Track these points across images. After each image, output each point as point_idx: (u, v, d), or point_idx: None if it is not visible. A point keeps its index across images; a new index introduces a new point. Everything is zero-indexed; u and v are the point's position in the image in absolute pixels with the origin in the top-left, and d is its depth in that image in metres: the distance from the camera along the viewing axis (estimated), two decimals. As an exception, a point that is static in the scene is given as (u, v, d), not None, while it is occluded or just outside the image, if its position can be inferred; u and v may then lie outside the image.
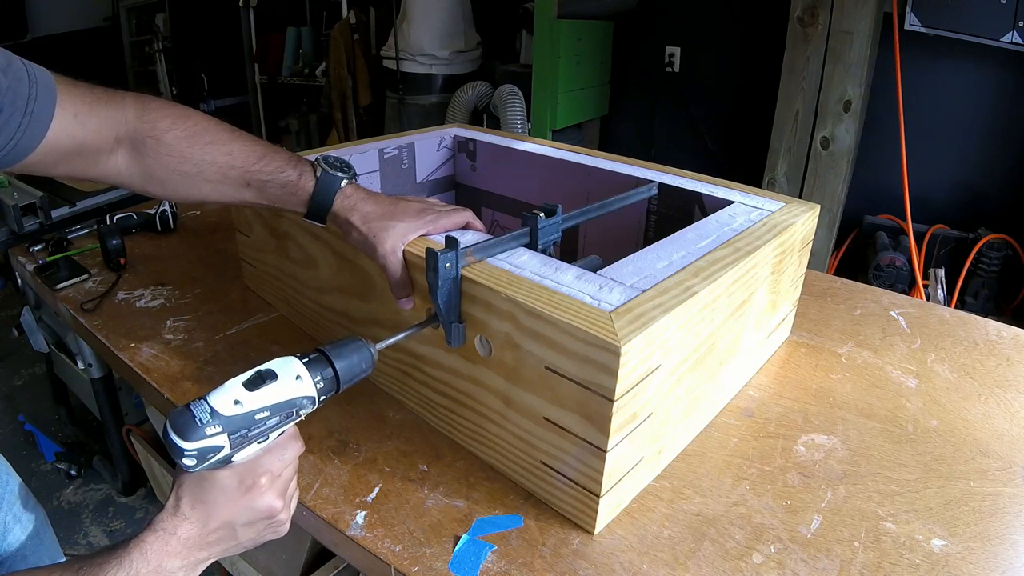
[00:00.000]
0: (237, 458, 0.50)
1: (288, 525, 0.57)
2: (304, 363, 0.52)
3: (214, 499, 0.51)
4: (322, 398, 0.53)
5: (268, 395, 0.49)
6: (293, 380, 0.51)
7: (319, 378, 0.52)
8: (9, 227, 1.40)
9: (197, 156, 0.68)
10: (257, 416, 0.49)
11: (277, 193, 0.70)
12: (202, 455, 0.48)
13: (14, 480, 0.85)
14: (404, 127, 2.78)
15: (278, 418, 0.50)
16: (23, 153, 0.59)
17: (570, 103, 2.52)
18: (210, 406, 0.48)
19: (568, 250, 1.08)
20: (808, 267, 0.94)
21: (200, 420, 0.47)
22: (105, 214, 1.32)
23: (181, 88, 4.09)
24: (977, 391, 0.85)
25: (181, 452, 0.48)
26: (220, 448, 0.48)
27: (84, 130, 0.63)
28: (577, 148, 1.11)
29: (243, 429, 0.49)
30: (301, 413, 0.52)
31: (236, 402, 0.48)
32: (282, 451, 0.54)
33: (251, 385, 0.49)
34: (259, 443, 0.51)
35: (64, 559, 0.88)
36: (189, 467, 0.49)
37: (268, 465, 0.52)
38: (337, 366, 0.53)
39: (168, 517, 0.51)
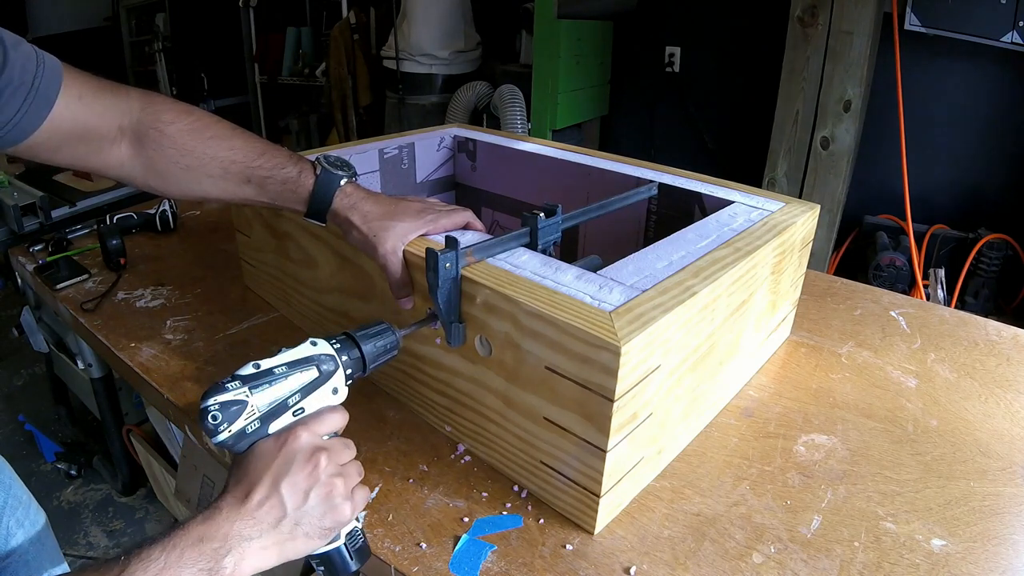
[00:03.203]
0: (272, 428, 0.52)
1: (350, 506, 0.53)
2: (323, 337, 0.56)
3: (254, 465, 0.51)
4: (343, 358, 0.55)
5: (284, 356, 0.54)
6: (308, 344, 0.55)
7: (336, 341, 0.56)
8: (9, 227, 1.40)
9: (199, 150, 0.68)
10: (275, 370, 0.52)
11: (277, 190, 0.71)
12: (224, 408, 0.50)
13: (17, 485, 0.84)
14: (404, 127, 2.78)
15: (299, 372, 0.53)
16: (27, 130, 0.60)
17: (570, 103, 2.52)
18: (233, 374, 0.52)
19: (568, 250, 1.08)
20: (808, 267, 0.94)
21: (221, 381, 0.51)
22: (105, 214, 1.32)
23: (181, 88, 4.08)
24: (977, 391, 0.85)
25: (206, 412, 0.49)
26: (244, 403, 0.50)
27: (88, 113, 0.63)
28: (577, 148, 1.11)
29: (263, 381, 0.51)
30: (325, 372, 0.54)
31: (255, 365, 0.52)
32: (319, 418, 0.54)
33: (269, 355, 0.53)
34: (293, 415, 0.53)
35: (63, 562, 0.88)
36: (215, 426, 0.50)
37: (305, 425, 0.53)
38: (356, 336, 0.57)
39: (215, 500, 0.51)
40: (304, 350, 0.54)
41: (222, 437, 0.50)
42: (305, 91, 3.73)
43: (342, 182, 0.70)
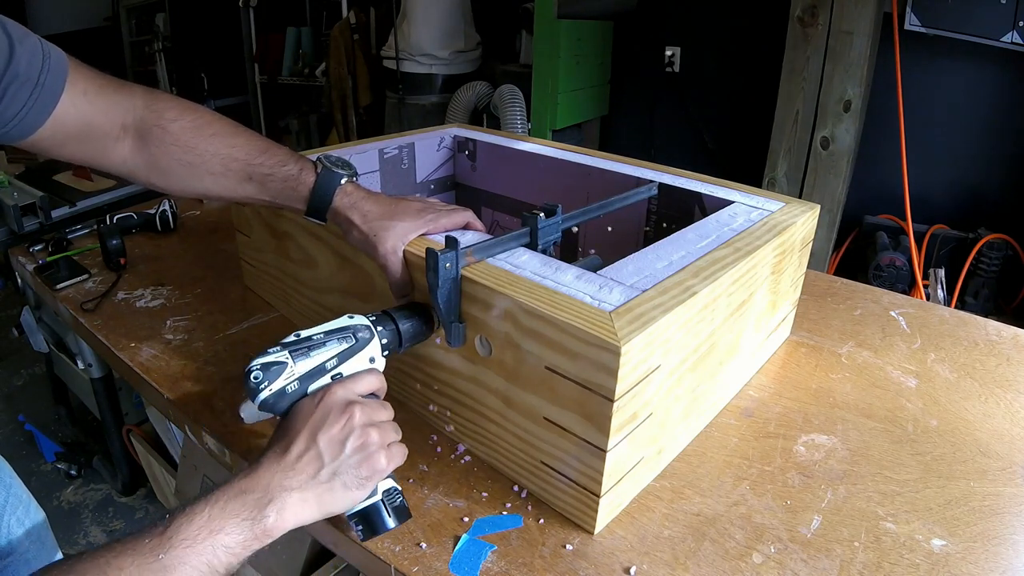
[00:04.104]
0: (311, 389, 0.56)
1: (384, 456, 0.55)
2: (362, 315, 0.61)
3: (292, 421, 0.54)
4: (379, 328, 0.60)
5: (323, 327, 0.58)
6: (345, 317, 0.60)
7: (373, 315, 0.61)
8: (9, 227, 1.40)
9: (201, 147, 0.69)
10: (314, 337, 0.57)
11: (278, 188, 0.71)
12: (266, 369, 0.54)
13: (17, 484, 0.85)
14: (404, 127, 2.78)
15: (336, 341, 0.57)
16: (32, 126, 0.60)
17: (570, 103, 2.52)
18: (277, 342, 0.56)
19: (568, 250, 1.08)
20: (808, 267, 0.94)
21: (266, 348, 0.55)
22: (105, 214, 1.32)
23: (181, 88, 4.08)
24: (977, 391, 0.85)
25: (248, 373, 0.53)
26: (284, 364, 0.54)
27: (93, 109, 0.64)
28: (577, 148, 1.11)
29: (303, 346, 0.56)
30: (361, 340, 0.58)
31: (296, 334, 0.57)
32: (355, 378, 0.57)
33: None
34: (332, 378, 0.57)
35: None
36: (255, 384, 0.53)
37: (341, 383, 0.56)
38: (393, 312, 0.62)
39: (257, 457, 0.53)
40: (342, 321, 0.59)
41: (264, 395, 0.53)
42: (305, 91, 3.73)
43: (343, 181, 0.70)
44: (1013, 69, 1.99)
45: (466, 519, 0.63)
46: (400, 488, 0.59)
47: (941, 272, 2.02)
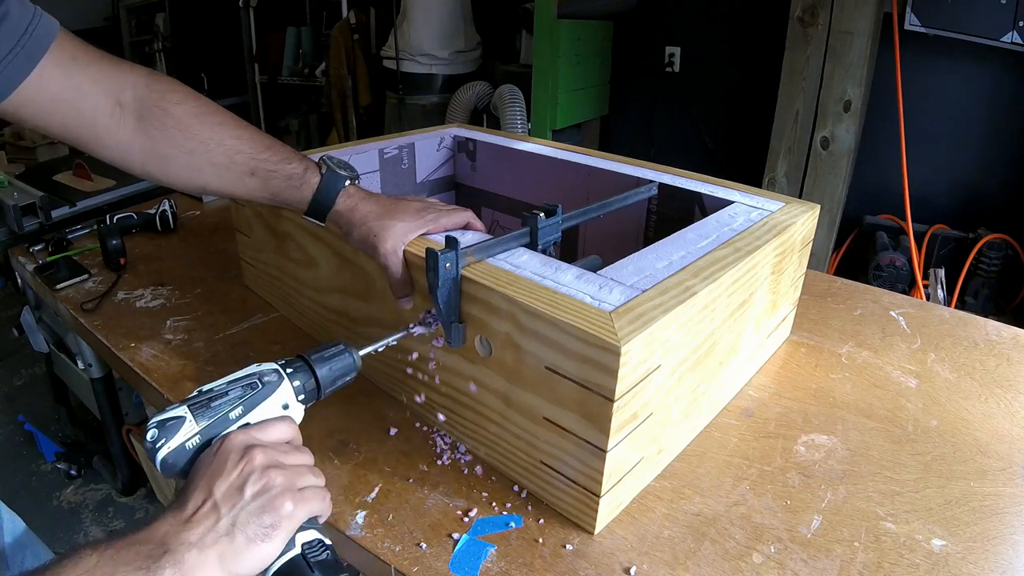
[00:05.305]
0: (216, 441, 0.50)
1: (291, 501, 0.48)
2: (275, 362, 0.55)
3: (191, 475, 0.49)
4: (289, 371, 0.54)
5: (227, 375, 0.53)
6: (253, 365, 0.54)
7: (283, 360, 0.55)
8: (9, 227, 1.40)
9: (205, 134, 0.66)
10: (215, 388, 0.51)
11: (281, 186, 0.70)
12: (162, 426, 0.49)
13: None
14: (404, 127, 2.78)
15: (240, 388, 0.52)
16: (15, 78, 0.56)
17: (570, 103, 2.52)
18: (178, 402, 0.51)
19: (568, 250, 1.08)
20: (808, 267, 0.94)
21: (166, 406, 0.51)
22: (105, 214, 1.32)
23: (181, 88, 4.09)
24: (977, 391, 0.85)
25: (145, 433, 0.49)
26: (182, 419, 0.49)
27: (81, 76, 0.60)
28: (577, 148, 1.11)
29: (203, 399, 0.50)
30: (268, 384, 0.52)
31: (199, 390, 0.52)
32: (260, 425, 0.51)
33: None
34: (237, 425, 0.51)
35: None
36: (152, 444, 0.48)
37: (243, 430, 0.50)
38: (309, 357, 0.56)
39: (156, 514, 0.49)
40: (247, 369, 0.53)
41: (162, 454, 0.48)
42: (305, 91, 3.73)
43: (346, 183, 0.70)
44: (1013, 69, 1.99)
45: (466, 519, 0.63)
46: (328, 541, 0.50)
47: (941, 272, 2.02)
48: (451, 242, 0.62)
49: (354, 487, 0.68)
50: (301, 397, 0.54)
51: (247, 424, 0.51)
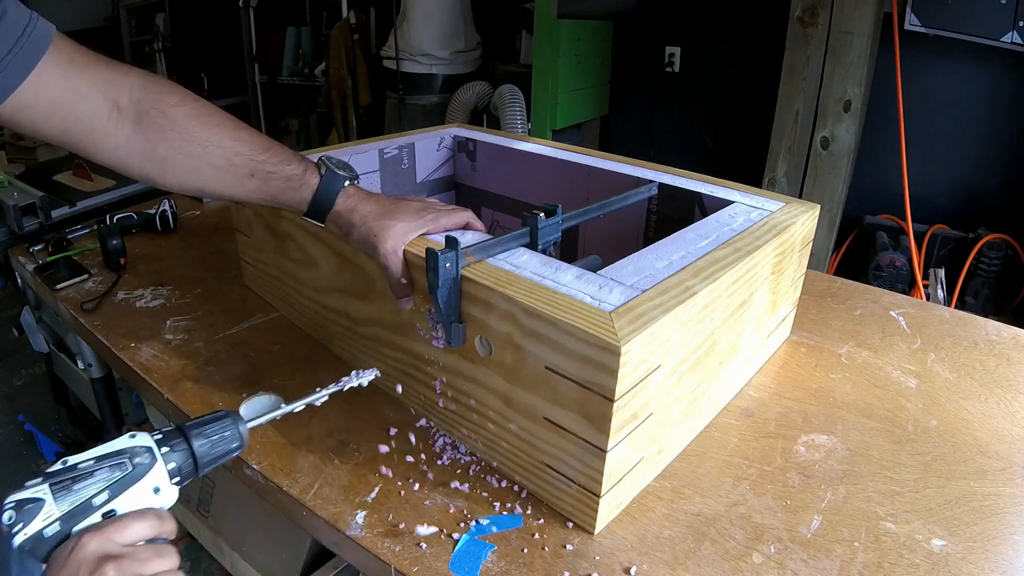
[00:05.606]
0: (75, 531, 0.45)
1: None
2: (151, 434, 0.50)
3: (45, 571, 0.44)
4: (164, 449, 0.49)
5: (96, 450, 0.47)
6: (126, 437, 0.49)
7: (159, 433, 0.49)
8: (9, 227, 1.40)
9: (204, 136, 0.65)
10: (80, 465, 0.46)
11: (280, 187, 0.69)
12: (19, 508, 0.44)
13: None
14: (404, 127, 2.78)
15: (108, 468, 0.46)
16: (13, 82, 0.56)
17: (570, 103, 2.52)
18: (40, 471, 0.46)
19: (568, 250, 1.08)
20: (808, 267, 0.94)
21: (25, 479, 0.45)
22: (105, 214, 1.32)
23: (181, 88, 4.09)
24: (977, 391, 0.85)
25: (3, 511, 0.44)
26: (41, 502, 0.44)
27: (79, 79, 0.60)
28: (577, 148, 1.11)
29: (66, 478, 0.45)
30: (139, 466, 0.47)
31: (63, 461, 0.46)
32: (119, 523, 0.45)
33: (79, 449, 0.47)
34: (103, 516, 0.46)
35: None
36: (9, 527, 0.43)
37: (99, 531, 0.45)
38: (187, 428, 0.51)
39: None
40: (119, 443, 0.48)
41: (19, 541, 0.43)
42: (305, 91, 3.73)
43: (345, 184, 0.70)
44: (1013, 69, 1.99)
45: (466, 519, 0.63)
46: None
47: (941, 272, 2.02)
48: (451, 242, 0.62)
49: (354, 487, 0.68)
50: (176, 480, 0.49)
51: (112, 512, 0.46)
